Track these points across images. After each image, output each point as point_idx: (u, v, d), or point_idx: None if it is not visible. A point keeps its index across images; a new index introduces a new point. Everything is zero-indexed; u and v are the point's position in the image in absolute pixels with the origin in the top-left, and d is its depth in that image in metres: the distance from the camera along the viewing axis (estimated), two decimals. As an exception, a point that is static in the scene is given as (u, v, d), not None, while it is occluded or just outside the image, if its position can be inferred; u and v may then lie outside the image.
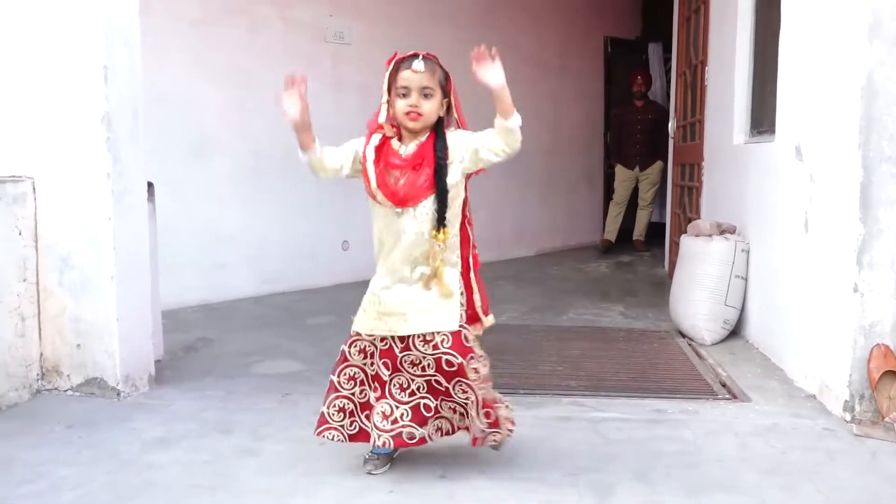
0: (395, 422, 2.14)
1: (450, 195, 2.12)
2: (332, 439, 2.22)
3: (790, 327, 3.22)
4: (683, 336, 3.93)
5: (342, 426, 2.21)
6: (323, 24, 5.27)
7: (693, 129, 5.27)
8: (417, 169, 2.10)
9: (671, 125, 5.85)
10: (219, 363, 3.44)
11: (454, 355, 2.11)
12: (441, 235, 2.11)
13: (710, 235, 3.89)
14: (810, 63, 3.06)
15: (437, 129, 2.14)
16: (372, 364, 2.20)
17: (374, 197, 2.14)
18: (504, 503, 2.09)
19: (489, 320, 2.30)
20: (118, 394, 2.91)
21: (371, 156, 2.14)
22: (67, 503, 2.06)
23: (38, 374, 2.96)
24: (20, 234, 2.88)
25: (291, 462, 2.33)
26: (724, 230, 3.94)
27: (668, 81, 7.35)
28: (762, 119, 3.93)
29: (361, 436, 2.21)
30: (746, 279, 3.79)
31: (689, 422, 2.68)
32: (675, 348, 3.72)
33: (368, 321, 2.18)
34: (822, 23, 2.96)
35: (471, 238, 2.26)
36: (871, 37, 2.61)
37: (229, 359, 3.51)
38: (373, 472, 2.23)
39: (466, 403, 2.16)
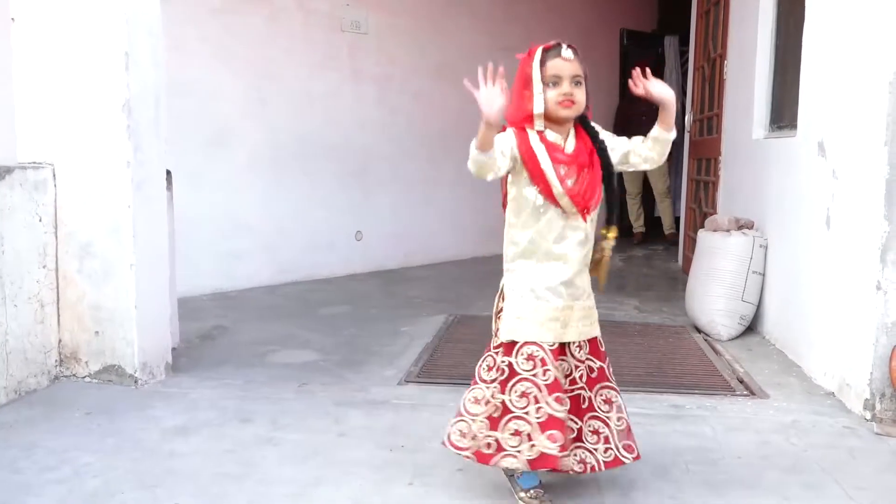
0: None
1: None
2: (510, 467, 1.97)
3: (809, 324, 3.20)
4: (699, 331, 3.91)
5: (520, 451, 1.92)
6: (340, 14, 5.25)
7: (710, 123, 5.23)
8: (588, 167, 1.98)
9: (688, 119, 5.81)
10: (235, 352, 3.45)
11: (594, 360, 2.06)
12: (611, 234, 2.04)
13: (727, 230, 3.87)
14: (835, 57, 3.03)
15: (584, 123, 2.04)
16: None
17: (556, 203, 1.94)
18: (525, 497, 2.08)
19: None
20: (136, 381, 2.92)
21: (545, 156, 1.93)
22: (92, 490, 2.07)
23: (56, 361, 2.97)
24: (40, 220, 2.89)
25: (311, 452, 2.33)
26: (741, 225, 3.92)
27: (684, 75, 7.31)
28: (783, 114, 3.90)
29: (542, 460, 1.91)
30: (764, 275, 3.77)
31: (708, 418, 2.68)
32: (692, 343, 3.71)
33: (529, 327, 1.96)
34: (848, 16, 2.92)
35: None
36: (899, 32, 2.58)
37: (245, 348, 3.52)
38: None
39: (608, 418, 2.05)
